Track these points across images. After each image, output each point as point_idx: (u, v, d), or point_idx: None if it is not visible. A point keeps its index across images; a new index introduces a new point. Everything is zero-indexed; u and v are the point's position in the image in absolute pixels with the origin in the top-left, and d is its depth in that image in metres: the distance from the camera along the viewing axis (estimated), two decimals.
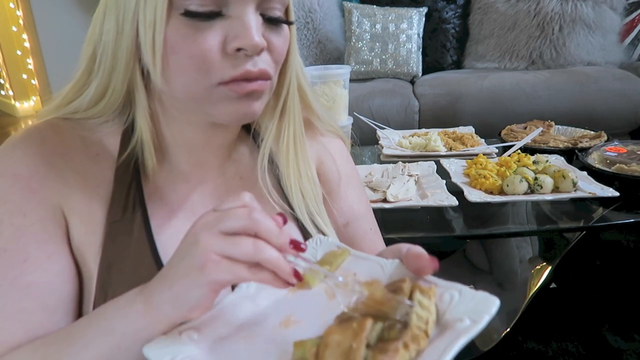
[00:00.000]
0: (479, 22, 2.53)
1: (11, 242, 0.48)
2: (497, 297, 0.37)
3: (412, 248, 0.45)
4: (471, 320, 0.35)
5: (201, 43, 0.46)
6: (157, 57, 0.47)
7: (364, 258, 0.48)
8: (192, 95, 0.49)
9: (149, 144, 0.53)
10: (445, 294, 0.39)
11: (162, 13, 0.45)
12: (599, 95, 2.12)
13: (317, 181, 0.65)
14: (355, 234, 0.68)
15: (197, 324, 0.41)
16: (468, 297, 0.38)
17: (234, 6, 0.46)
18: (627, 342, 1.42)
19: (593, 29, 2.37)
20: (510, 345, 1.40)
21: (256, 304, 0.44)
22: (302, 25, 2.53)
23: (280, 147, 0.59)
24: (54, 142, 0.52)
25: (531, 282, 1.32)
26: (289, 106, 0.58)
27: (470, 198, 1.08)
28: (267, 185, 0.58)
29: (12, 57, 4.61)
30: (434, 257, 0.42)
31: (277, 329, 0.42)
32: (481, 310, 0.36)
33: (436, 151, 1.47)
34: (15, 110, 4.77)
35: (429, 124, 2.13)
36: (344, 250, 0.49)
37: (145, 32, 0.46)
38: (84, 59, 0.53)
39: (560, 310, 1.58)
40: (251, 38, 0.46)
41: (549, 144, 1.43)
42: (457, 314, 0.37)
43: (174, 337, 0.40)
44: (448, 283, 0.41)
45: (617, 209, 1.10)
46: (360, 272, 0.46)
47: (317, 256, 0.49)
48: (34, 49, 3.02)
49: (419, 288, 0.40)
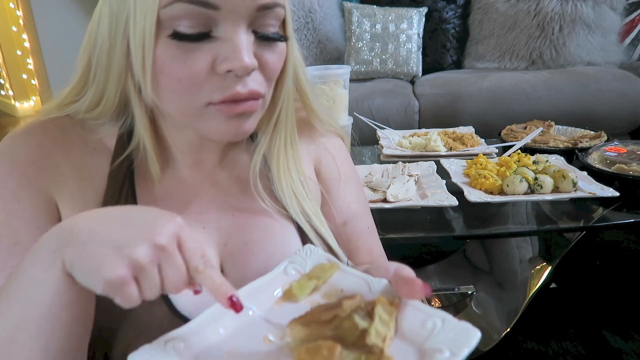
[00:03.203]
0: (479, 22, 2.53)
1: (3, 225, 0.50)
2: (478, 330, 0.37)
3: (401, 270, 0.45)
4: (451, 352, 0.35)
5: (190, 65, 0.45)
6: (147, 76, 0.46)
7: (352, 274, 0.48)
8: (183, 113, 0.49)
9: (150, 152, 0.54)
10: (428, 321, 0.39)
11: (150, 34, 0.44)
12: (599, 95, 2.12)
13: (316, 181, 0.65)
14: (352, 232, 0.68)
15: (183, 333, 0.41)
16: (450, 326, 0.38)
17: (223, 27, 0.45)
18: (627, 342, 1.42)
19: (593, 29, 2.37)
20: (510, 345, 1.40)
21: (242, 315, 0.43)
22: (302, 25, 2.53)
23: (272, 152, 0.59)
24: (55, 135, 0.54)
25: (531, 282, 1.32)
26: (283, 115, 0.58)
27: (470, 198, 1.08)
28: (259, 190, 0.59)
29: (12, 57, 4.61)
30: (427, 284, 0.41)
31: (261, 345, 0.41)
32: (461, 342, 0.36)
33: (436, 151, 1.47)
34: (15, 110, 4.77)
35: (429, 124, 2.13)
36: (333, 264, 0.49)
37: (136, 51, 0.46)
38: (80, 67, 0.53)
39: (560, 310, 1.58)
40: (241, 60, 0.45)
41: (549, 144, 1.43)
42: (437, 344, 0.37)
43: (159, 347, 0.39)
44: (432, 310, 0.40)
45: (617, 209, 1.10)
46: (346, 289, 0.46)
47: (306, 267, 0.49)
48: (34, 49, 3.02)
49: (381, 302, 0.41)
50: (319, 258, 0.50)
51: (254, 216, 0.58)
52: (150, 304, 0.51)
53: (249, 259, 0.57)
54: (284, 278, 0.48)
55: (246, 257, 0.57)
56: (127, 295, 0.37)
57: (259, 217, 0.58)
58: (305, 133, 0.65)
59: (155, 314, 0.52)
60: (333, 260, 0.50)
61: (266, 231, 0.58)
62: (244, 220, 0.58)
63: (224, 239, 0.57)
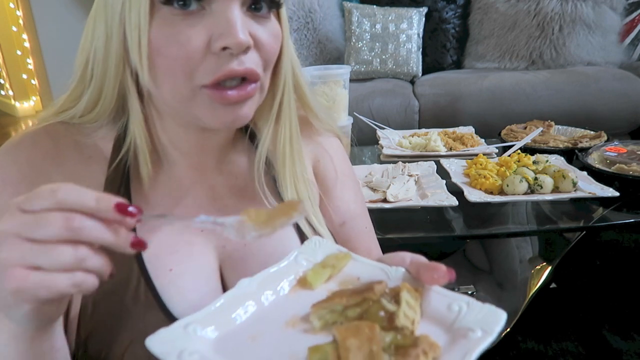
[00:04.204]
0: (479, 22, 2.53)
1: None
2: (504, 311, 0.38)
3: (417, 257, 0.45)
4: (483, 331, 0.36)
5: (185, 44, 0.45)
6: (144, 59, 0.46)
7: (366, 263, 0.48)
8: (179, 98, 0.48)
9: (143, 150, 0.53)
10: (454, 305, 0.40)
11: (145, 13, 0.45)
12: (599, 95, 2.12)
13: (314, 181, 0.65)
14: (350, 232, 0.68)
15: (201, 317, 0.41)
16: (476, 308, 0.39)
17: (217, 3, 0.45)
18: (627, 342, 1.42)
19: (593, 29, 2.37)
20: (510, 345, 1.40)
21: (258, 302, 0.44)
22: (302, 25, 2.53)
23: (277, 149, 0.59)
24: (47, 146, 0.52)
25: (531, 282, 1.32)
26: (285, 107, 0.57)
27: (470, 198, 1.08)
28: (264, 188, 0.58)
29: (12, 57, 4.61)
30: (451, 268, 0.42)
31: (284, 329, 0.41)
32: (492, 322, 0.37)
33: (436, 151, 1.47)
34: (15, 110, 4.77)
35: (429, 124, 2.13)
36: (346, 254, 0.49)
37: (132, 34, 0.46)
38: (78, 69, 0.53)
39: (560, 310, 1.58)
40: (235, 36, 0.44)
41: (549, 144, 1.43)
42: (467, 324, 0.38)
43: (178, 331, 0.39)
44: (455, 294, 0.41)
45: (617, 209, 1.10)
46: (363, 277, 0.46)
47: (317, 257, 0.49)
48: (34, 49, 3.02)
49: (406, 288, 0.41)
50: (329, 248, 0.50)
51: None
52: (146, 311, 0.51)
53: (248, 261, 0.56)
54: (296, 267, 0.48)
55: (245, 259, 0.57)
56: (44, 289, 0.34)
57: None
58: (304, 132, 0.64)
59: (150, 320, 0.51)
60: (345, 251, 0.50)
61: None
62: None
63: (223, 241, 0.57)
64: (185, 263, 0.54)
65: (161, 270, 0.52)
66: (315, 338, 0.39)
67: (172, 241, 0.54)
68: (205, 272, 0.55)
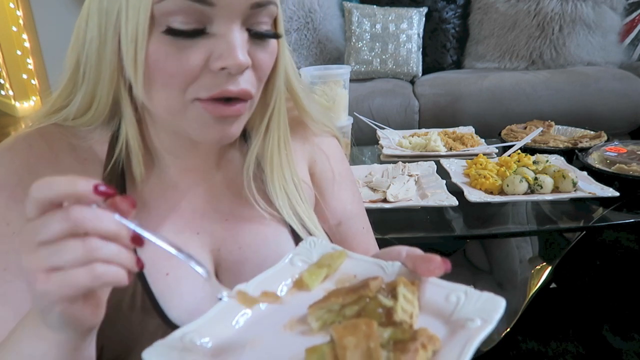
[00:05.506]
0: (479, 22, 2.53)
1: None
2: (502, 298, 0.37)
3: (413, 250, 0.45)
4: (482, 320, 0.36)
5: (184, 62, 0.44)
6: (139, 73, 0.45)
7: (362, 260, 0.48)
8: (170, 110, 0.48)
9: (136, 151, 0.53)
10: (451, 295, 0.40)
11: (144, 29, 0.43)
12: (599, 95, 2.12)
13: (310, 183, 0.65)
14: (347, 232, 0.67)
15: (197, 327, 0.40)
16: (474, 298, 0.39)
17: (218, 24, 0.44)
18: (627, 342, 1.42)
19: (593, 29, 2.37)
20: (510, 345, 1.40)
21: (255, 307, 0.43)
22: (302, 25, 2.53)
23: (266, 155, 0.58)
24: (41, 149, 0.52)
25: (531, 282, 1.32)
26: (275, 115, 0.57)
27: (470, 198, 1.08)
28: (254, 194, 0.58)
29: (12, 57, 4.61)
30: (446, 259, 0.42)
31: (282, 333, 0.41)
32: (490, 310, 0.37)
33: (436, 151, 1.47)
34: (15, 110, 4.77)
35: (429, 124, 2.13)
36: (341, 252, 0.49)
37: (127, 47, 0.45)
38: (69, 67, 0.52)
39: (560, 310, 1.58)
40: (235, 57, 0.44)
41: (549, 144, 1.43)
42: (466, 314, 0.37)
43: (175, 341, 0.38)
44: (452, 284, 0.41)
45: (617, 209, 1.10)
46: (360, 274, 0.46)
47: (313, 258, 0.49)
48: (34, 49, 3.02)
49: (403, 282, 0.41)
50: (324, 248, 0.50)
51: (247, 220, 0.58)
52: (143, 316, 0.50)
53: (243, 264, 0.56)
54: (292, 269, 0.48)
55: (240, 262, 0.56)
56: (79, 284, 0.34)
57: (252, 222, 0.58)
58: (299, 133, 0.64)
59: (147, 325, 0.51)
60: (339, 249, 0.49)
61: (260, 235, 0.58)
62: (237, 224, 0.58)
63: (218, 244, 0.57)
64: (182, 267, 0.54)
65: (158, 275, 0.52)
66: (313, 339, 0.39)
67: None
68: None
